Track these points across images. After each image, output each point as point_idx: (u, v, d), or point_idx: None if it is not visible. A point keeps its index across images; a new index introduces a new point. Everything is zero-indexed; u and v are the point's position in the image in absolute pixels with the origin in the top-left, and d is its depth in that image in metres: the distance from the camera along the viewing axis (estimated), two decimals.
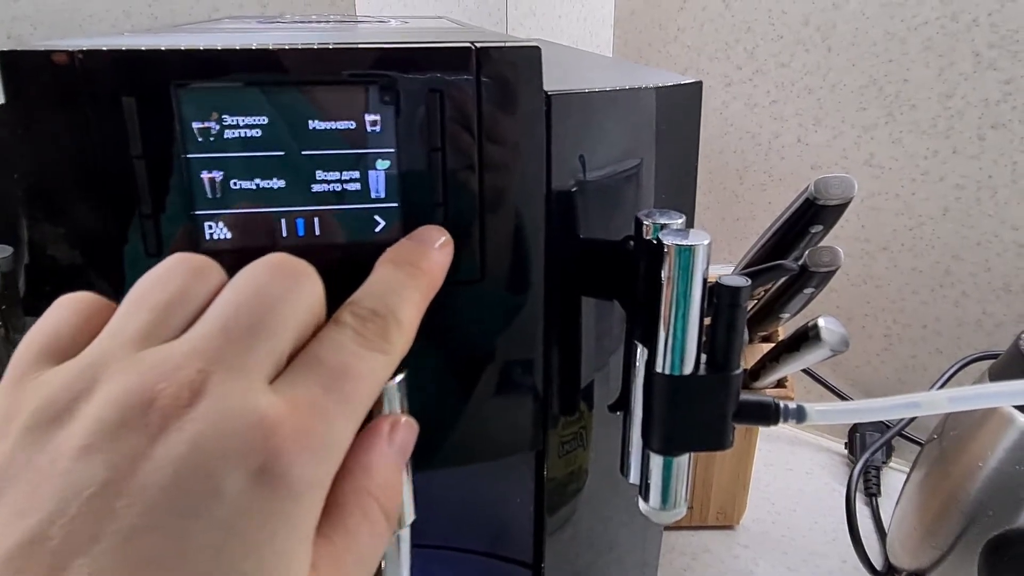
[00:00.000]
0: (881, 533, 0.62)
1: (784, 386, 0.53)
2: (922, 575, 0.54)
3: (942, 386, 0.62)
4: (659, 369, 0.26)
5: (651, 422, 0.27)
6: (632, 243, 0.29)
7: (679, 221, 0.26)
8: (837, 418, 0.26)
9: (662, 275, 0.25)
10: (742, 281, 0.25)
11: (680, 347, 0.26)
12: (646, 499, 0.28)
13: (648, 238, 0.26)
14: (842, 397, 0.72)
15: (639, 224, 0.26)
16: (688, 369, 0.26)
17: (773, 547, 0.62)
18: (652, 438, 0.27)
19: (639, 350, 0.27)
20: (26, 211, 0.25)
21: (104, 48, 0.23)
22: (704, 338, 0.26)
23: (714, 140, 0.74)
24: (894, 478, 0.67)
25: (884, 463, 0.68)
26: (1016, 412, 0.48)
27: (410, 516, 0.28)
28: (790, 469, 0.72)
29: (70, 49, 0.23)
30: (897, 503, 0.57)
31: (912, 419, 0.62)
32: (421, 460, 0.28)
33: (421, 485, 0.31)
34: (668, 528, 0.63)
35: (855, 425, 0.71)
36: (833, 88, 0.65)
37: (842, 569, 0.59)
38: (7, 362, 0.28)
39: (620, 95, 0.29)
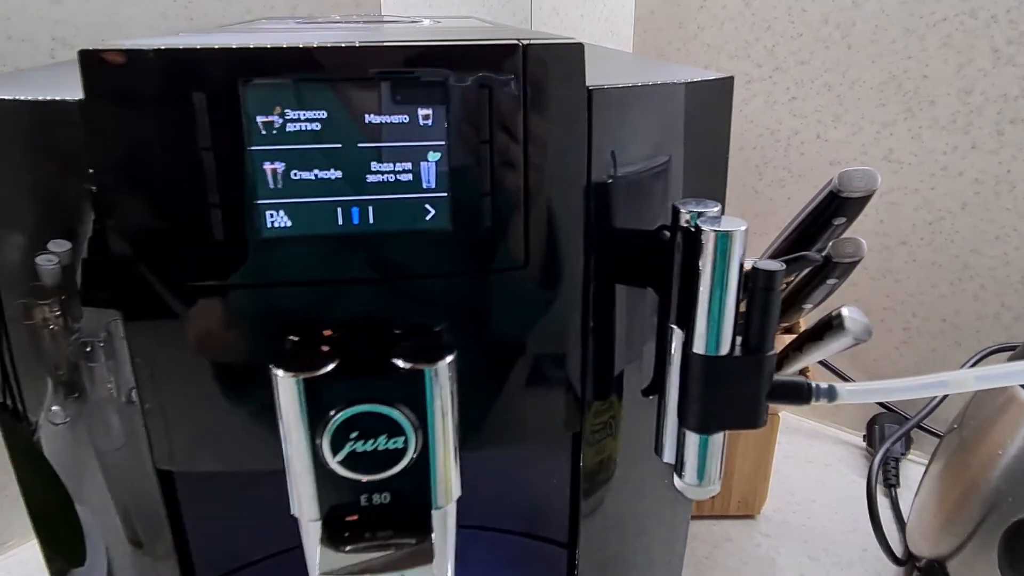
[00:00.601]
0: (900, 523, 0.63)
1: (806, 376, 0.54)
2: (942, 563, 0.55)
3: None
4: (697, 350, 0.27)
5: (687, 402, 0.28)
6: (667, 232, 0.30)
7: (715, 209, 0.28)
8: (867, 397, 0.27)
9: (700, 261, 0.26)
10: (777, 266, 0.26)
11: (717, 329, 0.27)
12: (681, 476, 0.30)
13: (686, 226, 0.27)
14: None
15: (676, 212, 0.28)
16: (724, 350, 0.27)
17: (794, 536, 0.63)
18: (688, 417, 0.29)
19: (675, 333, 0.29)
20: (97, 205, 0.26)
21: (176, 47, 0.25)
22: (739, 321, 0.27)
23: (734, 137, 0.74)
24: (912, 470, 0.68)
25: (903, 455, 0.69)
26: None
27: (456, 491, 0.30)
28: (810, 461, 0.73)
29: (144, 48, 0.25)
30: (916, 493, 0.58)
31: (931, 412, 0.63)
32: (466, 440, 0.30)
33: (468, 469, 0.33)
34: (691, 518, 0.64)
35: (873, 417, 0.72)
36: (852, 85, 0.66)
37: (862, 558, 0.60)
38: (68, 351, 0.30)
39: (656, 90, 0.31)
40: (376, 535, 0.28)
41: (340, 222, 0.27)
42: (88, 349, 0.29)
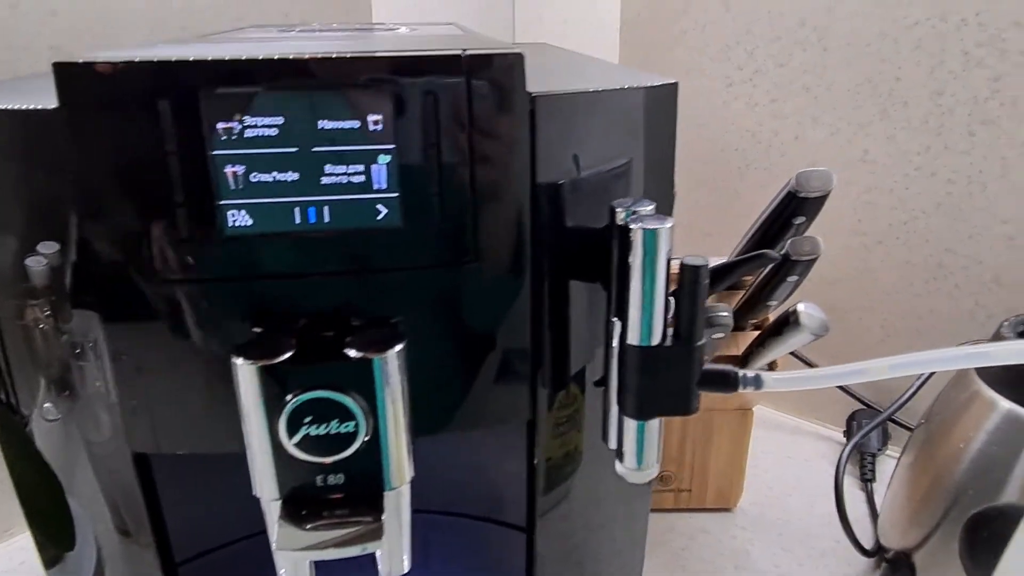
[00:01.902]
0: (874, 516, 0.64)
1: (774, 371, 0.55)
2: (909, 554, 0.56)
3: (930, 376, 0.64)
4: (631, 341, 0.29)
5: (625, 390, 0.30)
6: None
7: (648, 208, 0.29)
8: (791, 385, 0.29)
9: (631, 256, 0.28)
10: (701, 260, 0.28)
11: (648, 321, 0.29)
12: (622, 460, 0.31)
13: (620, 223, 0.29)
14: (841, 386, 0.74)
15: (612, 212, 0.30)
16: (656, 340, 0.29)
17: (769, 529, 0.64)
18: (626, 404, 0.30)
19: (615, 326, 0.31)
20: (77, 209, 0.29)
21: (141, 59, 0.27)
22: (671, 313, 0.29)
23: (716, 139, 0.76)
24: (889, 465, 0.69)
25: (880, 450, 0.70)
26: (998, 396, 0.50)
27: (409, 473, 0.32)
28: (790, 456, 0.74)
29: (112, 60, 0.27)
30: (888, 486, 0.60)
31: (901, 406, 0.65)
32: (419, 426, 0.32)
33: (424, 456, 0.35)
34: (668, 510, 0.66)
35: (852, 413, 0.73)
36: (829, 87, 0.67)
37: (834, 550, 0.62)
38: (59, 350, 0.32)
39: (600, 95, 0.32)
40: (333, 514, 0.30)
41: (298, 221, 0.29)
42: (78, 349, 0.32)
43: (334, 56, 0.28)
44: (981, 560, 0.50)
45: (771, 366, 0.57)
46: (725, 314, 0.44)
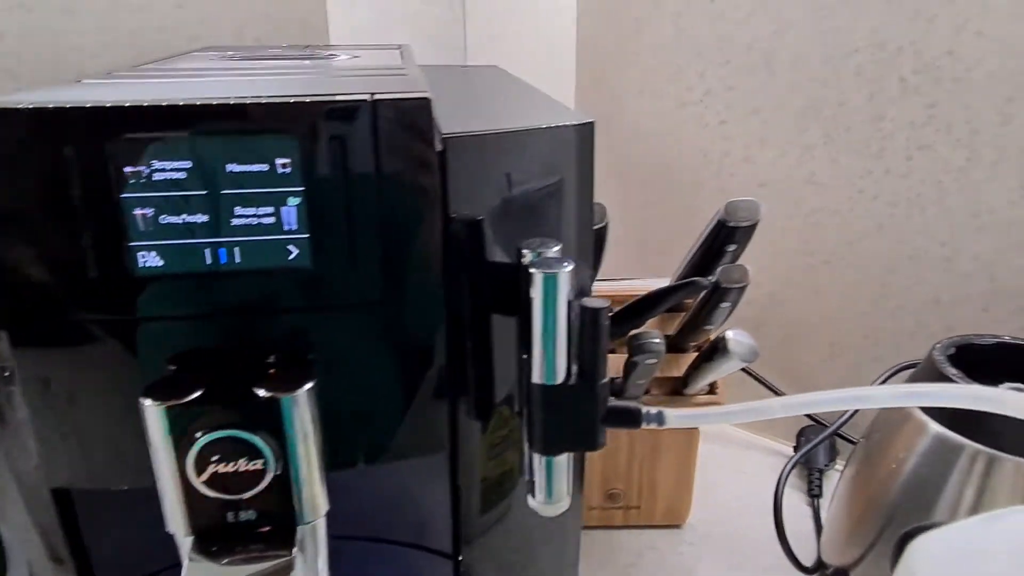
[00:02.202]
0: (820, 532, 0.65)
1: (714, 392, 0.56)
2: (847, 572, 0.57)
3: None
4: (535, 380, 0.30)
5: (533, 426, 0.31)
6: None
7: (555, 249, 0.30)
8: (691, 422, 0.30)
9: (532, 298, 0.29)
10: (601, 303, 0.28)
11: (551, 360, 0.29)
12: (533, 495, 0.32)
13: (524, 265, 0.30)
14: None
15: (519, 253, 0.30)
16: (559, 379, 0.30)
17: (717, 545, 0.65)
18: (534, 440, 0.31)
19: (526, 362, 0.31)
20: None
21: (48, 106, 0.27)
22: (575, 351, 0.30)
23: (670, 159, 0.77)
24: (837, 481, 0.71)
25: (827, 465, 0.71)
26: (928, 419, 0.52)
27: (324, 507, 0.32)
28: (741, 472, 0.75)
29: (19, 106, 0.27)
30: (831, 502, 0.61)
31: (845, 422, 0.66)
32: (335, 460, 0.32)
33: (351, 484, 0.35)
34: (617, 527, 0.66)
35: (801, 429, 0.75)
36: (776, 110, 0.69)
37: (779, 566, 0.62)
38: None
39: (514, 136, 0.33)
40: (246, 548, 0.31)
41: (208, 261, 0.30)
42: (6, 374, 0.32)
43: (242, 102, 0.28)
44: None
45: (712, 387, 0.58)
46: (656, 340, 0.45)
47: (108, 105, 0.27)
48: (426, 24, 0.71)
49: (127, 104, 0.27)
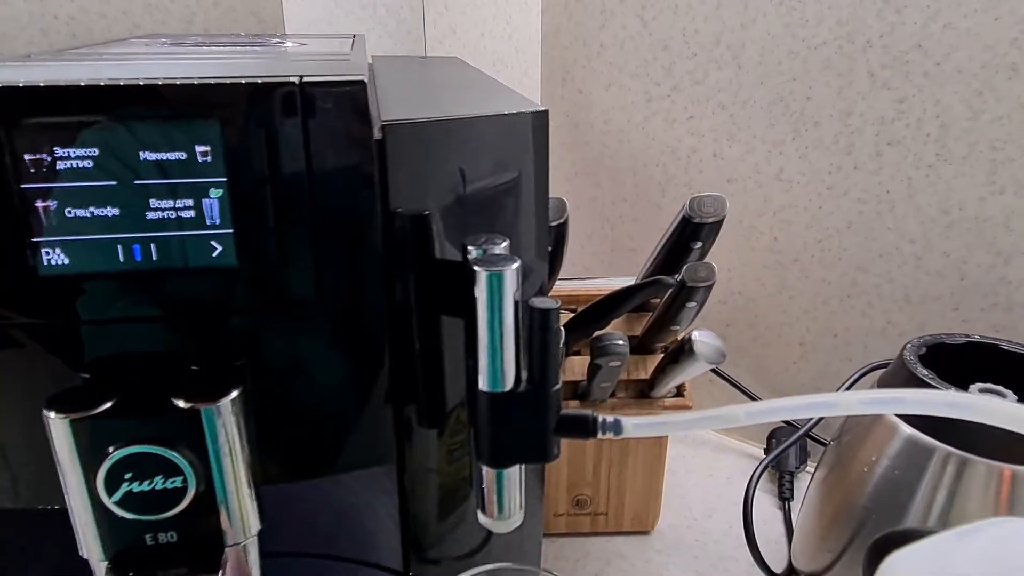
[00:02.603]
0: (791, 537, 0.64)
1: (682, 395, 0.55)
2: None
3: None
4: (481, 387, 0.27)
5: (479, 437, 0.28)
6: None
7: (502, 246, 0.28)
8: (650, 431, 0.27)
9: (476, 299, 0.26)
10: (552, 303, 0.26)
11: (497, 365, 0.27)
12: (483, 510, 0.30)
13: (469, 262, 0.27)
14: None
15: (464, 249, 0.28)
16: (507, 386, 0.27)
17: (686, 552, 0.63)
18: (481, 452, 0.29)
19: (471, 367, 0.29)
20: None
21: None
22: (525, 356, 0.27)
23: (638, 154, 0.76)
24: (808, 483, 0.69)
25: (798, 468, 0.70)
26: (899, 421, 0.50)
27: (255, 526, 0.30)
28: (711, 475, 0.74)
29: None
30: (801, 506, 0.59)
31: (814, 425, 0.64)
32: (269, 475, 0.30)
33: (291, 500, 0.33)
34: (585, 534, 0.64)
35: (772, 431, 0.73)
36: (744, 105, 0.67)
37: (750, 572, 0.61)
38: None
39: (459, 123, 0.31)
40: (167, 573, 0.28)
41: (122, 259, 0.27)
42: None
43: (154, 83, 0.26)
44: None
45: (679, 389, 0.56)
46: (620, 342, 0.43)
47: (2, 84, 0.25)
48: (383, 16, 0.68)
49: (22, 84, 0.25)
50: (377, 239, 0.29)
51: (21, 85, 0.25)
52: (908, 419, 0.50)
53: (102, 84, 0.25)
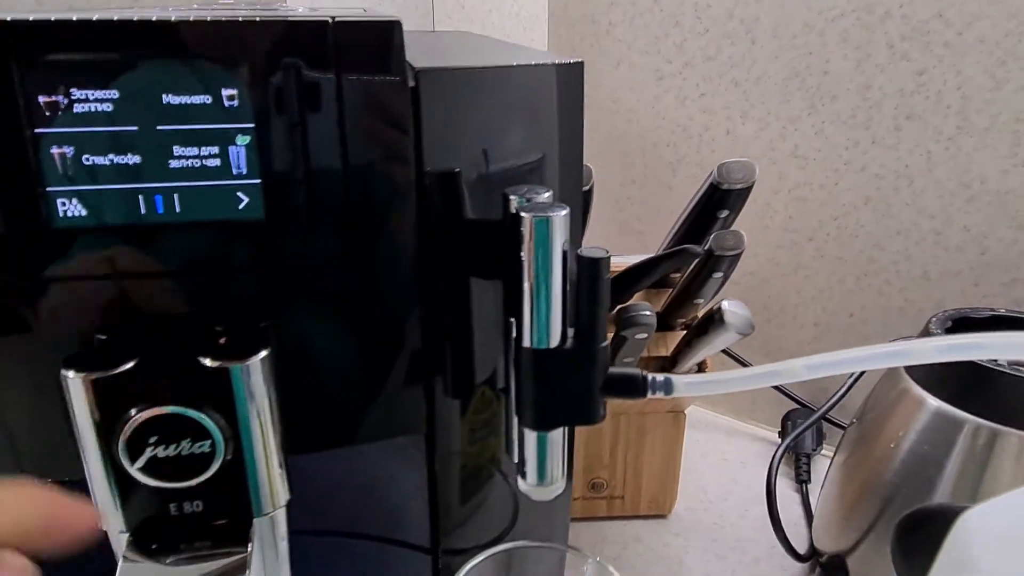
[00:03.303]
0: (810, 519, 0.63)
1: (703, 371, 0.53)
2: (843, 557, 0.54)
3: (863, 373, 0.63)
4: (526, 343, 0.26)
5: (522, 398, 0.27)
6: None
7: (545, 195, 0.26)
8: (703, 389, 0.26)
9: (522, 248, 0.25)
10: (601, 252, 0.25)
11: (544, 320, 0.26)
12: (524, 476, 0.28)
13: (512, 212, 0.26)
14: (776, 386, 0.73)
15: (506, 199, 0.27)
16: (554, 342, 0.26)
17: (704, 535, 0.62)
18: (524, 414, 0.27)
19: (512, 327, 0.27)
20: None
21: None
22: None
23: (647, 133, 0.74)
24: (824, 465, 0.68)
25: (815, 450, 0.69)
26: (926, 394, 0.49)
27: (284, 496, 0.28)
28: (725, 459, 0.73)
29: None
30: (822, 488, 0.58)
31: (833, 406, 0.63)
32: (296, 443, 0.28)
33: (315, 473, 0.31)
34: (601, 518, 0.63)
35: (787, 413, 0.72)
36: (758, 80, 0.66)
37: (770, 555, 0.60)
38: None
39: (494, 72, 0.29)
40: (191, 546, 0.27)
41: (143, 211, 0.25)
42: None
43: (181, 20, 0.24)
44: (914, 563, 0.48)
45: (701, 366, 0.55)
46: (647, 313, 0.42)
47: (13, 19, 0.23)
48: None
49: (35, 18, 0.23)
50: (411, 191, 0.27)
51: (32, 20, 0.23)
52: (935, 391, 0.49)
53: (124, 20, 0.24)
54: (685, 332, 0.49)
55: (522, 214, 0.25)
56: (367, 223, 0.27)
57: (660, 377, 0.27)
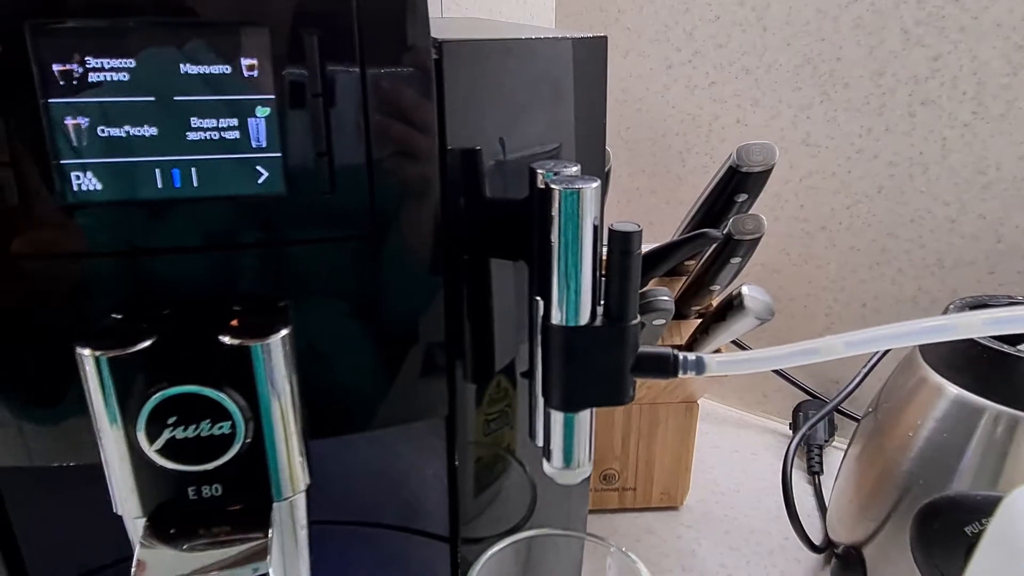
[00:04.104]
0: (823, 510, 0.62)
1: None
2: (859, 548, 0.54)
3: (876, 363, 0.62)
4: (555, 321, 0.25)
5: (550, 378, 0.26)
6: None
7: (573, 169, 0.26)
8: (736, 368, 0.25)
9: (551, 223, 0.24)
10: (633, 227, 0.24)
11: (574, 296, 0.25)
12: (549, 459, 0.28)
13: (540, 186, 0.25)
14: (787, 377, 0.72)
15: (533, 174, 0.26)
16: (583, 320, 0.25)
17: (716, 527, 0.62)
18: (552, 394, 0.27)
19: (538, 305, 0.27)
20: None
21: None
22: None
23: (657, 123, 0.74)
24: (837, 457, 0.67)
25: (827, 442, 0.68)
26: (945, 381, 0.49)
27: (304, 481, 0.27)
28: (736, 451, 0.72)
29: None
30: (836, 479, 0.58)
31: (847, 396, 0.63)
32: (316, 427, 0.27)
33: (333, 458, 0.30)
34: (612, 510, 0.62)
35: (799, 404, 0.72)
36: (769, 68, 0.65)
37: (783, 546, 0.59)
38: None
39: (517, 44, 0.29)
40: (210, 531, 0.26)
41: (160, 185, 0.25)
42: None
43: None
44: (933, 552, 0.48)
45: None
46: (665, 298, 0.41)
47: None
48: None
49: None
50: (434, 167, 0.27)
51: None
52: (954, 379, 0.48)
53: None
54: (700, 320, 0.48)
55: (552, 186, 0.24)
56: (391, 197, 0.26)
57: (692, 356, 0.26)
